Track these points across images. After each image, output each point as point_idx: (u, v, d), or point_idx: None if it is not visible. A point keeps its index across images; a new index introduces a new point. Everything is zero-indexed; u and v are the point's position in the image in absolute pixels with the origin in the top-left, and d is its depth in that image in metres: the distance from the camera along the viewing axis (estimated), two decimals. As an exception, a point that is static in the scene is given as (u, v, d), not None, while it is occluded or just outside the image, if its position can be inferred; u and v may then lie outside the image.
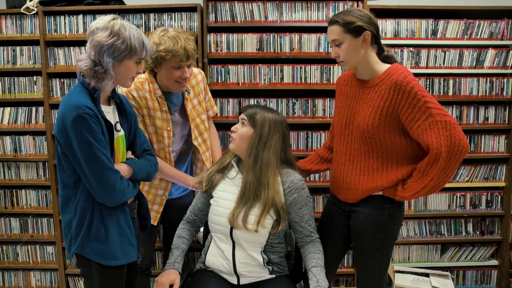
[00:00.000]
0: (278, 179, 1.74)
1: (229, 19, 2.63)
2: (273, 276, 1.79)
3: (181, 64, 1.85)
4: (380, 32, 1.72)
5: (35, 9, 2.65)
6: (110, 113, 1.57)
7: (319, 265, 1.72)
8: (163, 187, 2.06)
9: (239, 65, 2.66)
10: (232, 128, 1.79)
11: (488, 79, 2.71)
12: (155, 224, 2.07)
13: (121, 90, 1.89)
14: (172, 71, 1.85)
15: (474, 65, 2.71)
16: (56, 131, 1.45)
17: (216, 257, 1.80)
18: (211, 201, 1.82)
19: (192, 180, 2.07)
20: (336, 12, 2.54)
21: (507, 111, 2.76)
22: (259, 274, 1.77)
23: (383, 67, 1.69)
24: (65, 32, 2.67)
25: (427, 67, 2.70)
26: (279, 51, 2.65)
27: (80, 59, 1.48)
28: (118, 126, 1.61)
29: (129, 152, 1.68)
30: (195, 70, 2.10)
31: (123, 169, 1.54)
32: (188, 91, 2.04)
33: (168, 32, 1.84)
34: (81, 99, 1.41)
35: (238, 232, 1.72)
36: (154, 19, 2.64)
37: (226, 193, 1.79)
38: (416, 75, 2.60)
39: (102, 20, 1.47)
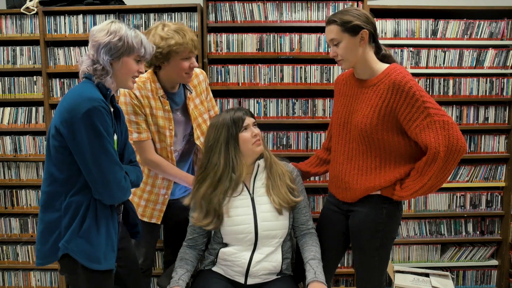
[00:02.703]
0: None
1: (229, 19, 2.63)
2: (279, 276, 1.79)
3: (190, 55, 1.89)
4: (379, 32, 1.73)
5: (35, 9, 2.65)
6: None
7: (317, 258, 1.73)
8: (165, 186, 2.06)
9: (239, 65, 2.66)
10: (257, 132, 1.77)
11: (488, 79, 2.71)
12: (159, 223, 2.07)
13: (123, 89, 1.90)
14: (182, 62, 1.88)
15: (474, 65, 2.71)
16: (57, 122, 1.40)
17: (227, 267, 1.77)
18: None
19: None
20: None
21: (507, 111, 2.76)
22: (268, 277, 1.77)
23: (382, 66, 1.69)
24: (65, 32, 2.67)
25: (427, 67, 2.70)
26: (279, 51, 2.65)
27: (82, 60, 1.51)
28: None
29: None
30: (197, 70, 2.10)
31: None
32: (190, 91, 2.05)
33: (170, 26, 1.86)
34: (95, 93, 1.43)
35: (264, 232, 1.72)
36: (154, 19, 2.64)
37: (238, 201, 1.76)
38: (416, 75, 2.62)
39: (101, 24, 1.52)
